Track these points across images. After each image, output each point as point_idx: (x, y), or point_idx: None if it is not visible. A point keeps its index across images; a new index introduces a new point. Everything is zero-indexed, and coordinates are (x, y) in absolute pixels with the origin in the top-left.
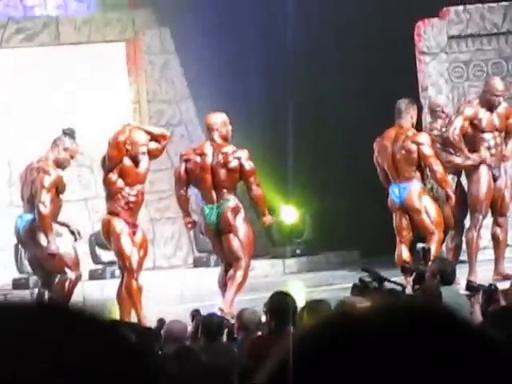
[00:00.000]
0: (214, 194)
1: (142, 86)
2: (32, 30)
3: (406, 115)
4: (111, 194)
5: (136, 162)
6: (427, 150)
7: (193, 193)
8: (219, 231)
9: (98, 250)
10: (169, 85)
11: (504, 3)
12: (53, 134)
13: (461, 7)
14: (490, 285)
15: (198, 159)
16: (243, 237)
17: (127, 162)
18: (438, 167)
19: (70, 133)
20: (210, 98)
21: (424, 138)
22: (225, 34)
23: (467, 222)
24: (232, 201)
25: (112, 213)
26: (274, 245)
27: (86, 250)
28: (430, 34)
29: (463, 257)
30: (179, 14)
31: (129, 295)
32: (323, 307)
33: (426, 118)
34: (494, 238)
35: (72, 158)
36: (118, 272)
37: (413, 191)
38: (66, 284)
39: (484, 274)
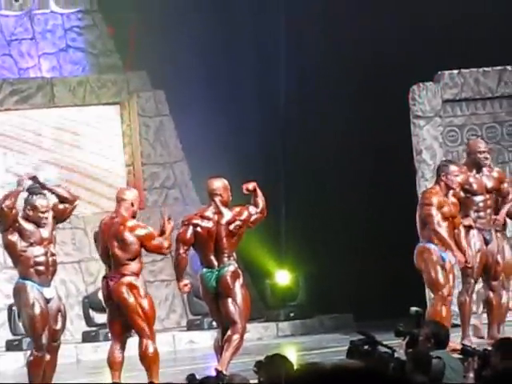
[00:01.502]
0: (214, 258)
1: (137, 148)
2: (26, 92)
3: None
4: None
5: None
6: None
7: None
8: (217, 295)
9: (92, 312)
10: (163, 147)
11: (498, 67)
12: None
13: (455, 71)
14: (485, 349)
15: (205, 224)
16: (241, 301)
17: None
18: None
19: (33, 191)
20: (204, 160)
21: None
22: (220, 96)
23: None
24: (232, 266)
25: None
26: (267, 308)
27: (79, 312)
28: (424, 97)
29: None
30: (174, 77)
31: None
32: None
33: (420, 181)
34: (488, 302)
35: (43, 213)
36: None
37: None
38: (40, 353)
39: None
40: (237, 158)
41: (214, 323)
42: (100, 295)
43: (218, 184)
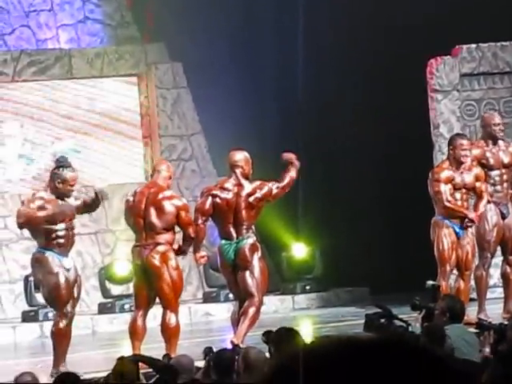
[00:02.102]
0: (233, 230)
1: (154, 120)
2: (44, 63)
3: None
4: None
5: None
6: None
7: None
8: (235, 267)
9: (108, 284)
10: (180, 119)
11: None
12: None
13: (473, 45)
14: (501, 323)
15: (225, 195)
16: (258, 274)
17: None
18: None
19: (63, 163)
20: (221, 133)
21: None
22: (238, 69)
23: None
24: (251, 238)
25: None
26: (283, 281)
27: (95, 283)
28: (442, 71)
29: (472, 295)
30: (192, 49)
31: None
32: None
33: (437, 155)
34: (505, 276)
35: (72, 186)
36: (127, 306)
37: None
38: (64, 321)
39: (493, 313)
40: (254, 131)
41: (231, 295)
42: (117, 266)
43: (240, 156)
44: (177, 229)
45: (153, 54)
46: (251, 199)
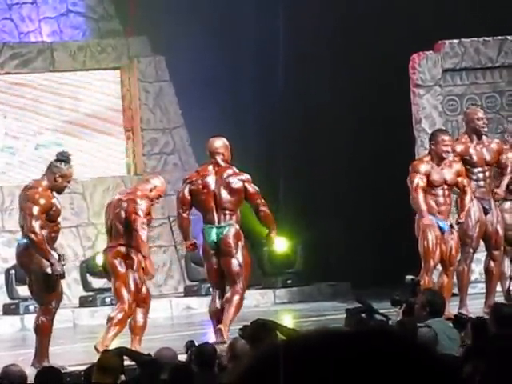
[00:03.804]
0: (215, 215)
1: (136, 113)
2: (27, 56)
3: None
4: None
5: None
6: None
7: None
8: (218, 254)
9: (89, 277)
10: (163, 113)
11: (499, 37)
12: (45, 160)
13: (456, 41)
14: (479, 317)
15: (201, 181)
16: (242, 262)
17: None
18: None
19: (65, 158)
20: (203, 127)
21: None
22: (220, 62)
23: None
24: (234, 226)
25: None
26: (265, 275)
27: (77, 276)
28: (424, 66)
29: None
30: (174, 42)
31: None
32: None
33: (419, 150)
34: (488, 271)
35: (68, 182)
36: (108, 299)
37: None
38: (48, 316)
39: (474, 308)
40: (236, 125)
41: (211, 289)
42: (99, 260)
43: (219, 143)
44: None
45: (135, 48)
46: (231, 181)
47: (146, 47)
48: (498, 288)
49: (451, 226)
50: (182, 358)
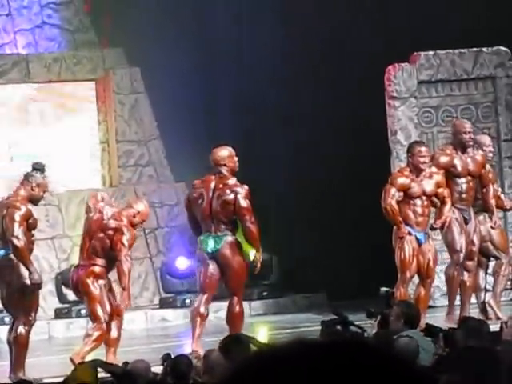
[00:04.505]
0: (211, 224)
1: (112, 125)
2: (2, 68)
3: None
4: None
5: None
6: None
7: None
8: (214, 261)
9: (64, 289)
10: (138, 125)
11: (474, 49)
12: (19, 171)
13: (431, 52)
14: (450, 328)
15: (200, 189)
16: (239, 273)
17: None
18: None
19: (40, 168)
20: (179, 139)
21: None
22: (196, 74)
23: None
24: (229, 236)
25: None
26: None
27: (52, 288)
28: (400, 78)
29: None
30: (150, 54)
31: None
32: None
33: (395, 162)
34: (462, 282)
35: (44, 192)
36: (83, 311)
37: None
38: (27, 327)
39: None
40: (212, 136)
41: (187, 301)
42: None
43: (223, 153)
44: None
45: (111, 59)
46: (224, 191)
47: (122, 59)
48: (474, 300)
49: (427, 234)
50: (158, 370)
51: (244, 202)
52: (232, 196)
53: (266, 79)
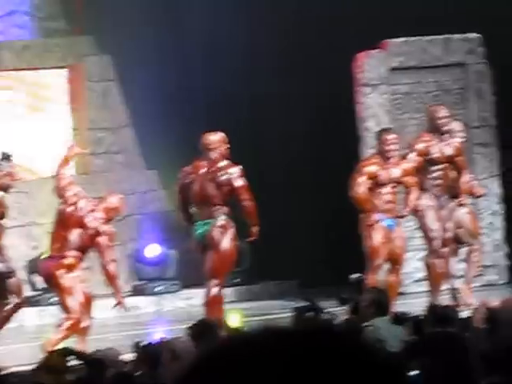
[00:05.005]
0: (203, 209)
1: (83, 112)
2: None
3: None
4: None
5: None
6: None
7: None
8: (206, 247)
9: (35, 277)
10: (109, 112)
11: (444, 36)
12: None
13: (402, 39)
14: (417, 316)
15: (191, 175)
16: (223, 256)
17: None
18: None
19: (7, 157)
20: (150, 126)
21: None
22: (166, 62)
23: None
24: (220, 219)
25: None
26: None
27: (22, 276)
28: (370, 65)
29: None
30: (121, 42)
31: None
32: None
33: (364, 149)
34: (431, 268)
35: (13, 180)
36: (54, 298)
37: None
38: (7, 309)
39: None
40: (182, 124)
41: (159, 288)
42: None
43: (213, 138)
44: None
45: (82, 47)
46: (218, 174)
47: (93, 46)
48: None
49: (398, 225)
50: (129, 357)
51: (239, 181)
52: (226, 177)
53: (236, 70)
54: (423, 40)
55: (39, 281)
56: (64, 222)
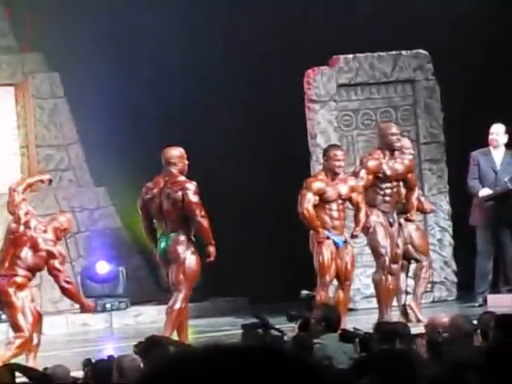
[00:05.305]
0: (163, 224)
1: (31, 130)
2: None
3: None
4: None
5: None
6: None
7: (79, 238)
8: (168, 261)
9: None
10: (58, 129)
11: (393, 52)
12: None
13: (350, 56)
14: (365, 333)
15: (152, 190)
16: (187, 269)
17: None
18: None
19: None
20: (98, 143)
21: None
22: (116, 78)
23: None
24: (179, 235)
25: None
26: (161, 290)
27: None
28: (319, 81)
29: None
30: (69, 59)
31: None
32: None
33: (314, 165)
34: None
35: None
36: (4, 316)
37: None
38: None
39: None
40: (131, 141)
41: (108, 305)
42: None
43: (174, 153)
44: None
45: (30, 64)
46: (173, 190)
47: (41, 64)
48: (395, 303)
49: (345, 242)
50: (79, 374)
51: (193, 197)
52: (180, 193)
53: (183, 81)
54: (372, 56)
55: None
56: (15, 240)
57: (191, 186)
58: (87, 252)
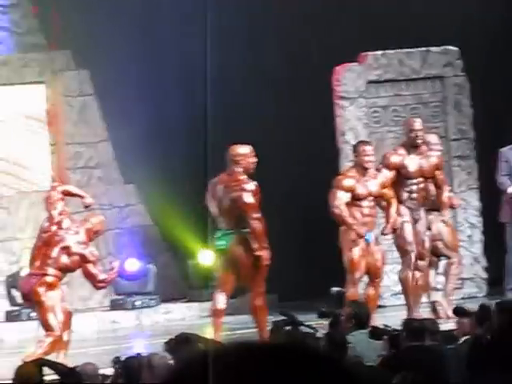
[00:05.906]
0: (224, 220)
1: (60, 127)
2: None
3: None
4: None
5: None
6: None
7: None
8: (228, 258)
9: (15, 292)
10: (87, 127)
11: (422, 49)
12: None
13: (379, 52)
14: (394, 330)
15: (214, 186)
16: (251, 268)
17: None
18: None
19: None
20: (128, 140)
21: None
22: (145, 76)
23: None
24: (240, 233)
25: None
26: (190, 288)
27: (2, 291)
28: (348, 78)
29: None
30: (99, 56)
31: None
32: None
33: (344, 162)
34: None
35: None
36: (34, 313)
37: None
38: None
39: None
40: (160, 138)
41: (138, 303)
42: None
43: (239, 150)
44: None
45: (59, 62)
46: (232, 189)
47: (70, 61)
48: (425, 299)
49: (376, 239)
50: (108, 372)
51: (248, 198)
52: (239, 193)
53: (212, 77)
54: (401, 53)
55: (19, 296)
56: (47, 239)
57: (249, 187)
58: (116, 250)
